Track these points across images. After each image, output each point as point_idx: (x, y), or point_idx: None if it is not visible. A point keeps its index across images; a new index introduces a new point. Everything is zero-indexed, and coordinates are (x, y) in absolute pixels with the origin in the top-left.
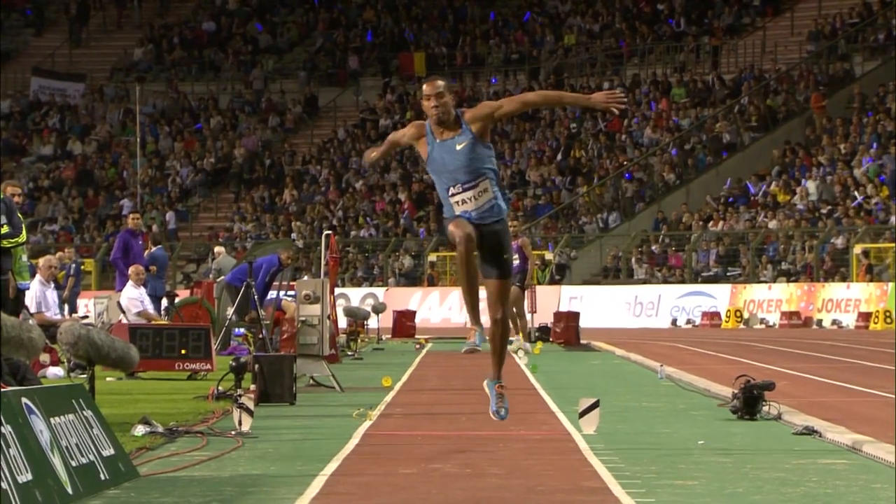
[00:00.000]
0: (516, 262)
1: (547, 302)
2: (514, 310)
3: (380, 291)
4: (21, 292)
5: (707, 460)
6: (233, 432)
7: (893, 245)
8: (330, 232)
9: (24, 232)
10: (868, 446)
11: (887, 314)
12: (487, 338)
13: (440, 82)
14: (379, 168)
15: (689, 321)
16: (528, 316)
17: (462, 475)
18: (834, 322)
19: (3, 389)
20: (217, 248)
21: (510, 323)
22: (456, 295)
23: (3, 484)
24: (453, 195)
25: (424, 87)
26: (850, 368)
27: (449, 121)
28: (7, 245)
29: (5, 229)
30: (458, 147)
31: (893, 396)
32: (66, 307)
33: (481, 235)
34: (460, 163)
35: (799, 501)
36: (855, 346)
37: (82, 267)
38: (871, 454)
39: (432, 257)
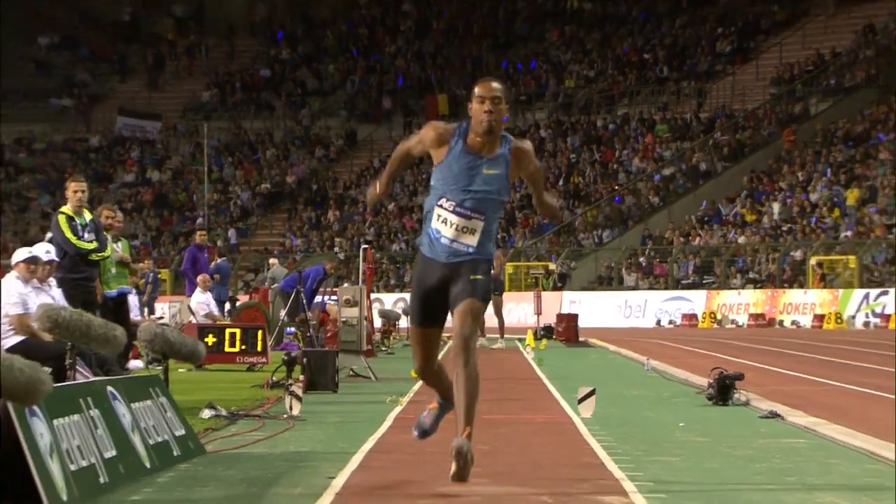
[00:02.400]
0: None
1: (550, 305)
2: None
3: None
4: (112, 299)
5: (687, 440)
6: (285, 416)
7: (843, 257)
8: (367, 246)
9: (109, 247)
10: (823, 427)
11: (838, 316)
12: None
13: (498, 85)
14: (408, 191)
15: (670, 322)
16: (535, 318)
17: (479, 452)
18: (793, 322)
19: (91, 379)
20: (271, 260)
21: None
22: None
23: (92, 458)
24: (442, 206)
25: (478, 88)
26: (808, 362)
27: (497, 134)
28: (95, 258)
29: (94, 245)
30: (487, 172)
31: (846, 385)
32: (146, 310)
33: (448, 278)
34: (475, 187)
35: (765, 475)
36: (811, 343)
37: (159, 276)
38: (826, 434)
39: None
